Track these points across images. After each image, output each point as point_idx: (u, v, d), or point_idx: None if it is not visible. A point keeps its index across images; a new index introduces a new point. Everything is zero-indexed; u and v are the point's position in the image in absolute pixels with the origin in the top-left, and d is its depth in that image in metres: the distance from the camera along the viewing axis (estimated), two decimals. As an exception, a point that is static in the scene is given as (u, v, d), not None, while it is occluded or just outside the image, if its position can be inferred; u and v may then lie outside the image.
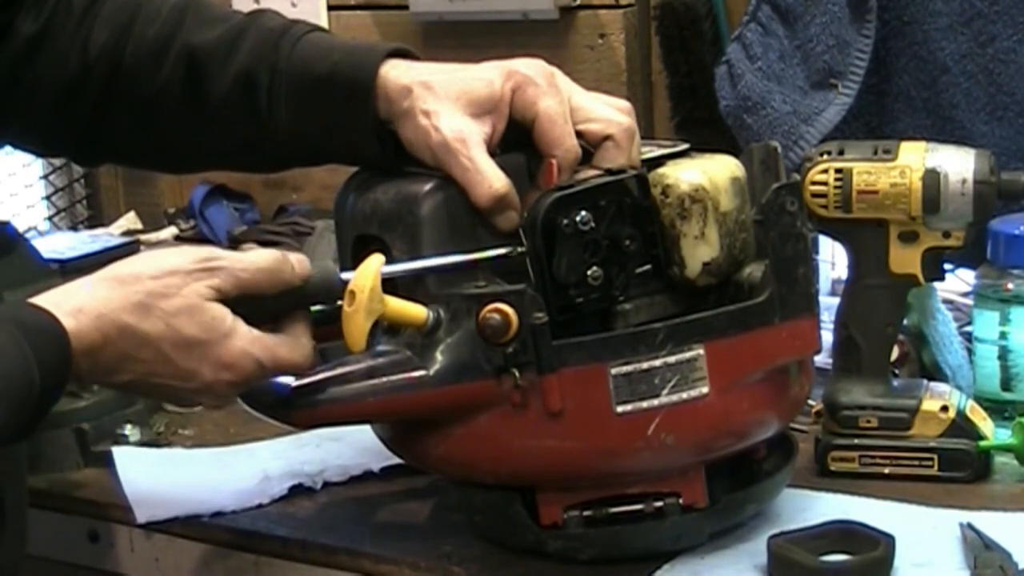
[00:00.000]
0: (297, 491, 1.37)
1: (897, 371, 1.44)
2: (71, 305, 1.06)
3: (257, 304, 1.14)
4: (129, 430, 1.49)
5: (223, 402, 1.16)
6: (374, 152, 1.23)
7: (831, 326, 1.37)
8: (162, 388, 1.12)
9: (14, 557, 1.19)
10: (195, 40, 1.29)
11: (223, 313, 1.11)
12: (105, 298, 1.08)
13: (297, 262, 1.16)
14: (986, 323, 1.41)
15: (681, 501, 1.20)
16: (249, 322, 1.13)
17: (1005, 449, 1.33)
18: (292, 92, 1.26)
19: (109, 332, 1.07)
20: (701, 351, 1.16)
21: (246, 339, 1.12)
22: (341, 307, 1.15)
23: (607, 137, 1.20)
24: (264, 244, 1.88)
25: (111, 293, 1.08)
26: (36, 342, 1.03)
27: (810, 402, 1.36)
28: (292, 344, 1.15)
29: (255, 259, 1.14)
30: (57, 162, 2.39)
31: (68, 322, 1.05)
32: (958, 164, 1.31)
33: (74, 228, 2.36)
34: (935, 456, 1.33)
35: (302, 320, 1.16)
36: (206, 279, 1.11)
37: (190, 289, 1.10)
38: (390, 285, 1.16)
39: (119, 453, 1.44)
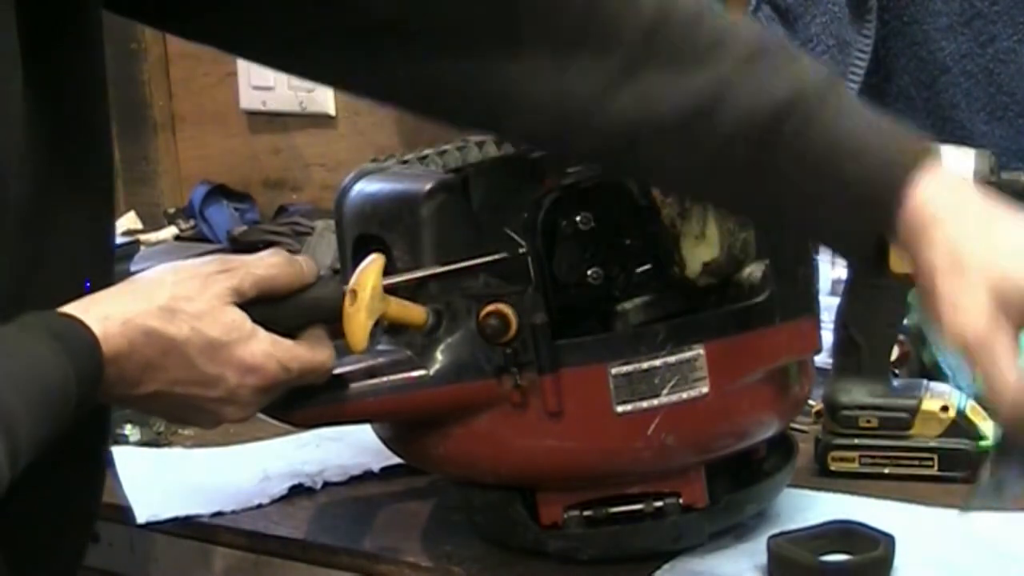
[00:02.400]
0: (297, 491, 1.37)
1: (897, 371, 1.44)
2: (97, 312, 1.06)
3: (274, 313, 1.13)
4: (129, 430, 1.49)
5: (247, 412, 1.13)
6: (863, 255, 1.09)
7: (831, 326, 1.37)
8: (186, 399, 1.10)
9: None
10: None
11: (243, 317, 1.11)
12: (130, 304, 1.08)
13: (304, 261, 1.16)
14: (986, 323, 1.41)
15: (681, 501, 1.19)
16: (269, 331, 1.13)
17: (1005, 449, 1.33)
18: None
19: (135, 339, 1.06)
20: (701, 351, 1.16)
21: (267, 341, 1.11)
22: (342, 306, 1.15)
23: None
24: (264, 244, 1.88)
25: (135, 299, 1.08)
26: (70, 349, 1.02)
27: (810, 402, 1.36)
28: (312, 346, 1.14)
29: (265, 255, 1.15)
30: (57, 162, 2.39)
31: (96, 328, 1.05)
32: (958, 164, 1.31)
33: (74, 228, 2.35)
34: (935, 456, 1.33)
35: (320, 327, 1.16)
36: (224, 280, 1.11)
37: (210, 292, 1.10)
38: (391, 285, 1.16)
39: (119, 453, 1.44)
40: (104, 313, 1.05)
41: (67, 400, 1.01)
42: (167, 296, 1.08)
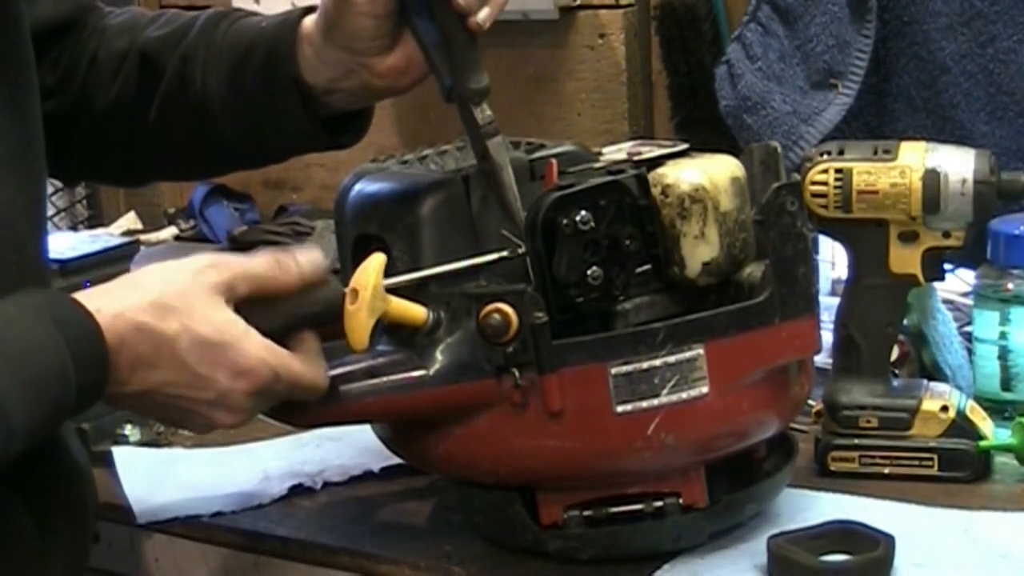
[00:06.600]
0: (297, 491, 1.37)
1: (897, 371, 1.44)
2: (89, 305, 1.06)
3: (272, 310, 1.13)
4: (129, 430, 1.49)
5: (238, 419, 1.13)
6: (299, 116, 1.26)
7: (831, 326, 1.37)
8: (177, 401, 1.10)
9: None
10: (150, 37, 1.33)
11: (236, 317, 1.10)
12: (121, 298, 1.08)
13: (306, 260, 1.15)
14: (986, 323, 1.41)
15: (681, 501, 1.20)
16: (265, 335, 1.12)
17: (1005, 449, 1.33)
18: (223, 63, 1.29)
19: (126, 334, 1.06)
20: (701, 351, 1.16)
21: (260, 345, 1.11)
22: (342, 306, 1.15)
23: None
24: (264, 244, 1.88)
25: (127, 294, 1.08)
26: (69, 335, 1.02)
27: (810, 402, 1.36)
28: (306, 361, 1.14)
29: (257, 255, 1.15)
30: (57, 162, 2.39)
31: None
32: (958, 164, 1.31)
33: (74, 228, 2.36)
34: (935, 456, 1.33)
35: (314, 344, 1.16)
36: (215, 276, 1.11)
37: (201, 288, 1.09)
38: (391, 285, 1.16)
39: (119, 453, 1.44)
40: (95, 306, 1.05)
41: (66, 386, 1.01)
42: (158, 292, 1.08)
